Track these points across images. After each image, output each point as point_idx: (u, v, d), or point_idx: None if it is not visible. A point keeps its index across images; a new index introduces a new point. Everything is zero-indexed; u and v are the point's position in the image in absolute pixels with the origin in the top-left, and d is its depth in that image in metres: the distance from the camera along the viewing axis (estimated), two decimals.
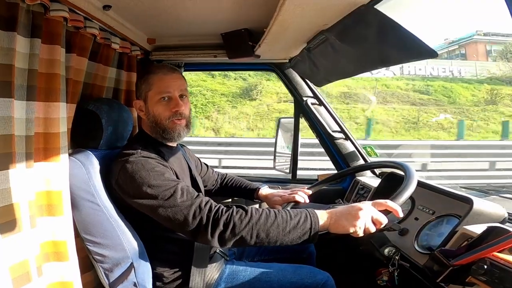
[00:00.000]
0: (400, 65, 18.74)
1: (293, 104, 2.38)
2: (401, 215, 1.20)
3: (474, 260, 1.02)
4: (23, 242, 1.09)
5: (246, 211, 1.21)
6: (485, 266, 0.98)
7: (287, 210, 1.25)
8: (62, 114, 1.26)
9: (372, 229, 1.18)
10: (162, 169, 1.34)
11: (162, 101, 1.47)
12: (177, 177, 1.43)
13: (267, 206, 1.79)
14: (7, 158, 1.04)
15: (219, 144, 10.58)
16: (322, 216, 1.22)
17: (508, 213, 1.27)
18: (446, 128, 15.83)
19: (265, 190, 1.90)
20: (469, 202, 1.27)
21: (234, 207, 1.23)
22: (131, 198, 1.31)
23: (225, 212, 1.21)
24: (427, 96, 18.32)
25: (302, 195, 1.70)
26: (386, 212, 1.20)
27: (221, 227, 1.18)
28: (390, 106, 17.29)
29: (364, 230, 1.18)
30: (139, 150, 1.38)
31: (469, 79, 20.63)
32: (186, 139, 1.58)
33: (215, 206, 1.24)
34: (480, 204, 1.25)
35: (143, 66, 2.02)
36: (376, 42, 1.19)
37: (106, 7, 1.41)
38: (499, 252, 0.99)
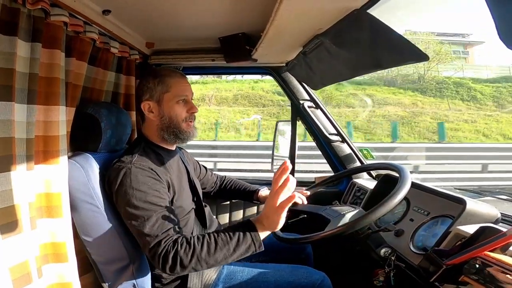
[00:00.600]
0: None
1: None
2: (290, 166, 1.22)
3: (466, 260, 1.03)
4: (23, 243, 1.10)
5: (190, 244, 1.25)
6: (477, 265, 1.00)
7: (226, 230, 1.29)
8: (61, 117, 1.28)
9: (290, 198, 1.20)
10: (149, 187, 1.35)
11: (180, 103, 1.52)
12: (173, 184, 1.46)
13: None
14: (8, 160, 1.05)
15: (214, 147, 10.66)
16: (257, 224, 1.29)
17: (501, 213, 1.29)
18: None
19: (264, 191, 1.92)
20: (462, 203, 1.29)
21: (179, 240, 1.26)
22: (117, 204, 1.37)
23: (172, 247, 1.24)
24: None
25: (301, 196, 1.71)
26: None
27: (170, 262, 1.23)
28: None
29: (285, 204, 1.20)
30: (135, 158, 1.40)
31: None
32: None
33: (167, 242, 1.26)
34: (473, 204, 1.27)
35: (142, 70, 2.04)
36: (369, 46, 1.21)
37: (106, 12, 1.43)
38: (491, 251, 1.01)
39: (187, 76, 1.63)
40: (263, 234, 1.28)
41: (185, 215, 1.52)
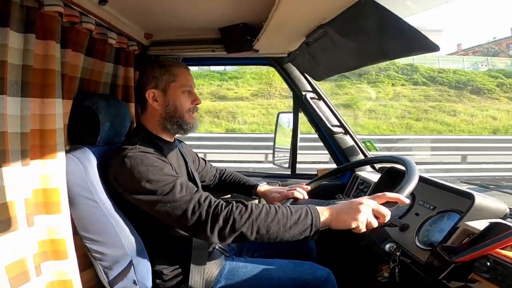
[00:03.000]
0: None
1: None
2: (406, 201, 1.19)
3: (476, 257, 1.01)
4: (20, 241, 1.08)
5: (246, 206, 1.20)
6: (488, 263, 0.98)
7: (288, 206, 1.24)
8: (58, 110, 1.25)
9: (375, 223, 1.17)
10: (161, 164, 1.33)
11: (185, 93, 1.53)
12: (176, 172, 1.42)
13: (266, 203, 1.78)
14: (0, 155, 1.03)
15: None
16: (323, 212, 1.21)
17: (509, 208, 1.26)
18: None
19: (263, 186, 1.90)
20: (471, 197, 1.26)
21: (234, 202, 1.22)
22: (130, 193, 1.30)
23: (225, 207, 1.20)
24: None
25: (301, 191, 1.69)
26: (388, 204, 1.19)
27: (220, 223, 1.17)
28: None
29: (367, 225, 1.17)
30: (137, 145, 1.37)
31: None
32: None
33: (215, 202, 1.23)
34: (482, 199, 1.24)
35: (141, 61, 2.00)
36: (376, 35, 1.18)
37: (102, 2, 1.39)
38: (502, 249, 0.98)
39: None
40: (323, 224, 1.21)
41: None
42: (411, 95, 17.91)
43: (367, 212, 1.16)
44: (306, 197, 1.68)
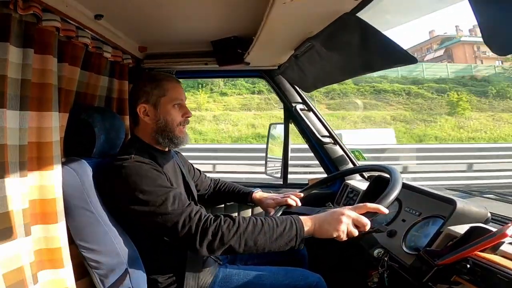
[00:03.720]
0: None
1: None
2: (385, 211, 1.24)
3: (457, 260, 1.05)
4: (18, 249, 1.10)
5: (234, 220, 1.24)
6: (468, 265, 1.01)
7: (273, 217, 1.28)
8: (54, 123, 1.27)
9: (355, 232, 1.22)
10: (155, 174, 1.35)
11: (175, 107, 1.54)
12: (171, 183, 1.44)
13: (261, 210, 1.81)
14: (0, 167, 1.05)
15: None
16: (307, 222, 1.27)
17: (490, 213, 1.30)
18: None
19: (258, 193, 1.92)
20: (453, 203, 1.30)
21: (222, 216, 1.26)
22: (124, 203, 1.33)
23: (214, 221, 1.24)
24: None
25: (294, 198, 1.72)
26: (368, 214, 1.24)
27: (209, 236, 1.21)
28: None
29: (347, 234, 1.23)
30: (132, 155, 1.40)
31: None
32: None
33: (205, 216, 1.26)
34: (463, 205, 1.28)
35: (135, 74, 2.03)
36: (359, 49, 1.22)
37: (98, 17, 1.43)
38: (481, 251, 1.02)
39: (181, 80, 1.63)
40: (307, 233, 1.27)
41: None
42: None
43: (347, 222, 1.22)
44: (299, 204, 1.71)
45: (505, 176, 8.68)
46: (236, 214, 2.19)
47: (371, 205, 1.24)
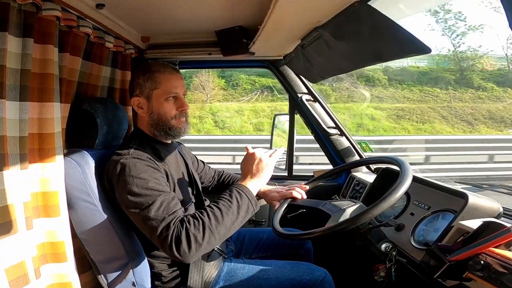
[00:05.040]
0: None
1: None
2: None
3: (470, 256, 1.02)
4: (19, 243, 1.09)
5: (196, 218, 1.23)
6: (482, 262, 0.98)
7: (221, 197, 1.32)
8: (56, 114, 1.26)
9: (274, 155, 1.41)
10: (149, 175, 1.32)
11: (169, 100, 1.49)
12: (172, 176, 1.44)
13: (265, 203, 1.79)
14: (0, 159, 1.04)
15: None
16: (247, 182, 1.39)
17: (503, 207, 1.28)
18: None
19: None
20: (464, 197, 1.27)
21: (185, 218, 1.23)
22: (118, 199, 1.33)
23: (182, 227, 1.20)
24: None
25: (299, 191, 1.69)
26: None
27: (184, 242, 1.18)
28: None
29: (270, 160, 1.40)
30: (131, 150, 1.38)
31: None
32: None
33: (182, 222, 1.23)
34: (475, 199, 1.26)
35: (138, 64, 2.01)
36: (370, 38, 1.19)
37: (99, 6, 1.40)
38: (496, 247, 0.99)
39: (184, 70, 1.60)
40: (254, 191, 1.37)
41: (184, 208, 1.50)
42: None
43: (259, 156, 1.41)
44: (305, 196, 1.69)
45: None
46: None
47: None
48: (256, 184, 1.38)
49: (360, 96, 17.60)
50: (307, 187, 1.74)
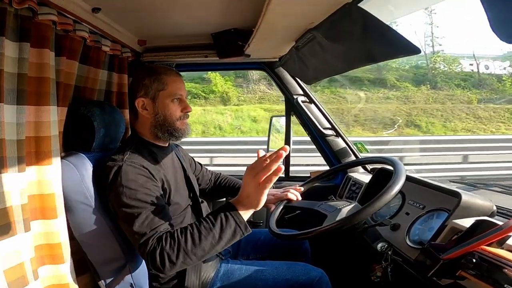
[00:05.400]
0: None
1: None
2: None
3: (463, 254, 1.02)
4: (18, 245, 1.10)
5: (174, 237, 1.23)
6: (474, 260, 0.98)
7: (208, 217, 1.27)
8: (53, 117, 1.27)
9: (273, 179, 1.19)
10: (139, 185, 1.33)
11: (174, 102, 1.52)
12: (168, 180, 1.46)
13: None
14: None
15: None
16: (238, 205, 1.27)
17: (496, 206, 1.28)
18: None
19: None
20: (458, 196, 1.28)
21: (163, 236, 1.24)
22: (109, 204, 1.36)
23: (158, 245, 1.22)
24: None
25: (294, 192, 1.70)
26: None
27: (158, 260, 1.20)
28: None
29: (267, 183, 1.19)
30: (126, 156, 1.38)
31: None
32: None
33: (158, 240, 1.24)
34: (468, 198, 1.26)
35: (135, 68, 2.02)
36: (361, 39, 1.20)
37: (96, 10, 1.41)
38: (488, 245, 1.00)
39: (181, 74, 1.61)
40: (246, 215, 1.27)
41: (181, 211, 1.52)
42: None
43: (257, 180, 1.20)
44: (300, 198, 1.70)
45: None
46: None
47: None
48: (247, 204, 1.26)
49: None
50: (302, 188, 1.75)
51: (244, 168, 1.26)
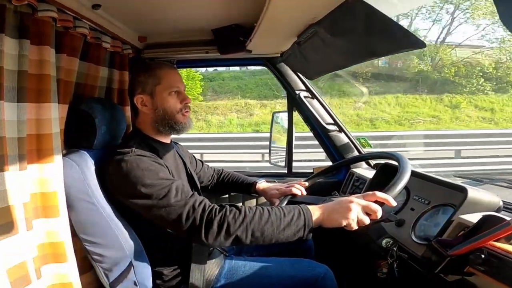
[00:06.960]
0: None
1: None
2: (393, 204, 1.18)
3: (471, 250, 1.01)
4: (20, 244, 1.09)
5: (240, 210, 1.21)
6: (483, 256, 0.97)
7: (281, 207, 1.24)
8: (54, 115, 1.25)
9: (366, 220, 1.18)
10: (157, 167, 1.33)
11: (172, 95, 1.52)
12: (172, 175, 1.43)
13: (265, 200, 1.79)
14: (0, 160, 1.03)
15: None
16: (315, 211, 1.23)
17: (502, 201, 1.27)
18: None
19: (262, 184, 1.90)
20: (464, 191, 1.27)
21: (228, 206, 1.23)
22: (126, 197, 1.31)
23: (219, 212, 1.21)
24: None
25: (299, 187, 1.70)
26: (378, 203, 1.19)
27: (214, 228, 1.18)
28: None
29: (358, 222, 1.18)
30: (133, 149, 1.38)
31: None
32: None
33: (209, 206, 1.24)
34: (475, 193, 1.25)
35: (135, 64, 2.00)
36: (364, 34, 1.19)
37: (96, 6, 1.40)
38: (496, 241, 0.99)
39: (183, 69, 1.60)
40: (315, 223, 1.22)
41: None
42: None
43: (357, 210, 1.18)
44: (304, 193, 1.69)
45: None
46: (240, 204, 2.18)
47: (380, 194, 1.19)
48: (326, 216, 1.22)
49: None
50: (307, 183, 1.74)
51: None
